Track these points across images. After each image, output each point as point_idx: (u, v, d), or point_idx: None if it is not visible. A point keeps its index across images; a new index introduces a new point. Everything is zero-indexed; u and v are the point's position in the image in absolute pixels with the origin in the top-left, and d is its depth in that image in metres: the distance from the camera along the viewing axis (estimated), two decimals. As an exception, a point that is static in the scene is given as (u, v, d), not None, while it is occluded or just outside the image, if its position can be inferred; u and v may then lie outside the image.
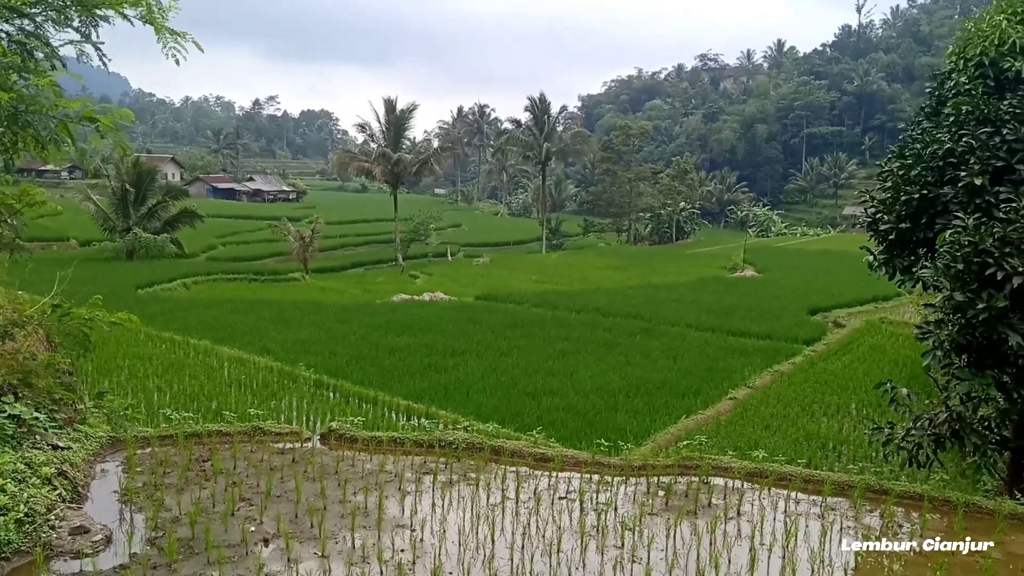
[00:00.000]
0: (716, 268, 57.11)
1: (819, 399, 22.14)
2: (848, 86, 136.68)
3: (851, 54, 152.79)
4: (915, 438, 10.16)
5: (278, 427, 10.94)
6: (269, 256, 57.23)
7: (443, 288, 42.91)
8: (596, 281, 48.17)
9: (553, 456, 10.45)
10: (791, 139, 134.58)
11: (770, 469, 10.25)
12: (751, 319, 33.95)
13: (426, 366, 22.90)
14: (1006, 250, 9.38)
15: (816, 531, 8.81)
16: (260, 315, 30.94)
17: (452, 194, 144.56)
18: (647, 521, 8.91)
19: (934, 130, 11.70)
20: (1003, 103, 10.75)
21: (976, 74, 11.50)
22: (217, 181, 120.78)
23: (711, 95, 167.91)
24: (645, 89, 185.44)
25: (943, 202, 10.82)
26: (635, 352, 26.61)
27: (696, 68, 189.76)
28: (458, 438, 10.47)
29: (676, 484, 9.94)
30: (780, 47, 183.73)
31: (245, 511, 8.34)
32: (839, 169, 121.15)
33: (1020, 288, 9.11)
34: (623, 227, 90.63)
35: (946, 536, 8.56)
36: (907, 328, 32.95)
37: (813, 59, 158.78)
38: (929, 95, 12.73)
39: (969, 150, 10.50)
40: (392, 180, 62.03)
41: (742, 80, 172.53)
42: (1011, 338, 9.16)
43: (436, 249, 63.22)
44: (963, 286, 9.57)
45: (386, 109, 61.89)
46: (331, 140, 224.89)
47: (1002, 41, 11.10)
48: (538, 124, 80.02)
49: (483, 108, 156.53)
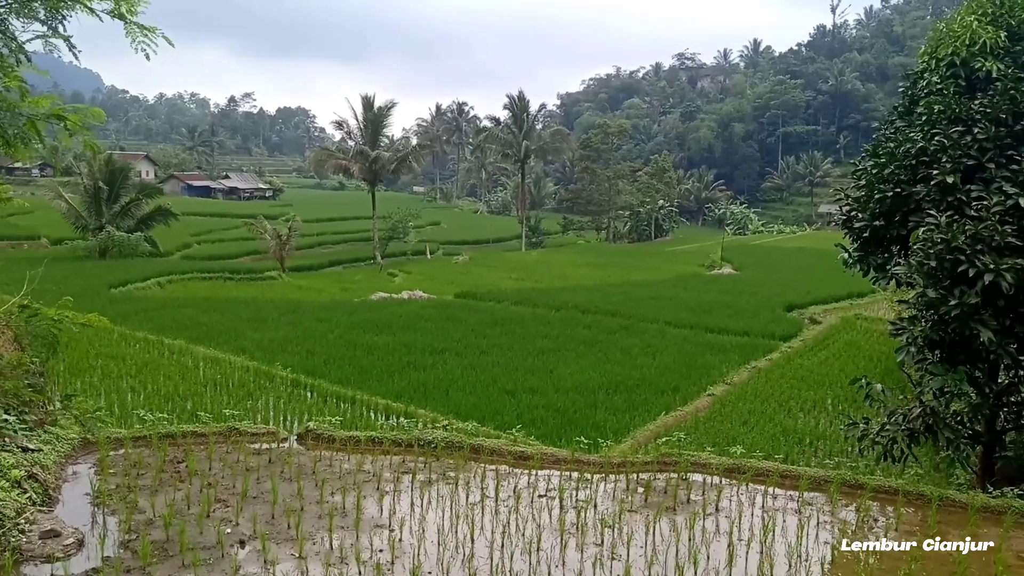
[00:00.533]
0: (694, 266, 57.50)
1: (796, 395, 22.36)
2: (823, 85, 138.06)
3: (826, 54, 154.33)
4: (889, 433, 10.29)
5: (254, 427, 10.82)
6: (245, 255, 56.68)
7: (422, 286, 42.77)
8: (576, 279, 48.31)
9: (532, 454, 10.47)
10: (767, 138, 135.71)
11: (747, 465, 10.34)
12: (729, 316, 34.21)
13: (405, 365, 22.79)
14: (978, 247, 9.52)
15: (793, 526, 8.90)
16: (236, 314, 30.67)
17: (431, 192, 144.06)
18: (626, 518, 8.95)
19: (907, 129, 11.84)
20: (974, 102, 10.90)
21: (948, 74, 11.64)
22: (192, 179, 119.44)
23: (689, 94, 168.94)
24: (623, 88, 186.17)
25: (916, 200, 10.96)
26: (615, 350, 26.71)
27: (674, 67, 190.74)
28: (437, 437, 10.44)
29: (655, 481, 10.00)
30: (756, 47, 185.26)
31: (221, 512, 8.25)
32: (814, 167, 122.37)
33: (991, 285, 9.25)
34: (602, 225, 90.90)
35: (921, 529, 8.69)
36: (882, 324, 33.36)
37: (789, 59, 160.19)
38: (902, 95, 12.88)
39: (941, 149, 10.65)
40: (370, 178, 61.74)
41: (719, 79, 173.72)
42: (982, 334, 9.31)
43: (415, 247, 62.85)
44: (936, 283, 9.71)
45: (364, 106, 61.61)
46: (308, 137, 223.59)
47: (973, 41, 11.24)
48: (517, 122, 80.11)
49: (462, 106, 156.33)
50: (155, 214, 54.92)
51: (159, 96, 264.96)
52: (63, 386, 17.48)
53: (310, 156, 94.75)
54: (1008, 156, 10.34)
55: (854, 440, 18.89)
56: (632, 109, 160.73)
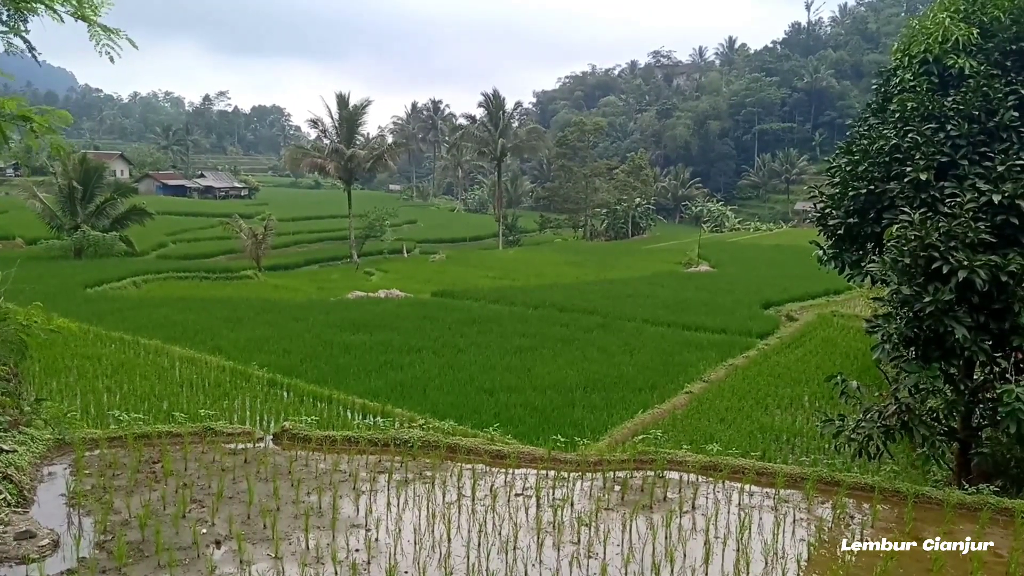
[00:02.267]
0: (671, 263, 57.70)
1: (773, 392, 22.45)
2: (798, 83, 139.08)
3: (801, 51, 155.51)
4: (865, 430, 10.33)
5: (230, 427, 10.73)
6: (221, 254, 56.33)
7: (399, 285, 42.62)
8: (553, 277, 48.30)
9: (509, 453, 10.41)
10: (743, 135, 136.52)
11: (723, 462, 10.34)
12: (706, 313, 34.33)
13: (382, 364, 22.66)
14: (951, 244, 9.58)
15: (769, 523, 8.91)
16: (212, 314, 30.50)
17: (407, 190, 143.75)
18: (603, 516, 8.92)
19: (880, 126, 11.88)
20: (947, 100, 10.96)
21: (920, 71, 11.69)
22: (167, 178, 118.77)
23: (664, 92, 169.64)
24: (599, 85, 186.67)
25: (890, 197, 11.00)
26: (592, 347, 26.70)
27: (649, 65, 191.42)
28: (413, 436, 10.36)
29: (632, 479, 9.98)
30: (732, 44, 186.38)
31: (196, 513, 8.17)
32: (790, 165, 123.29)
33: (965, 282, 9.31)
34: (579, 223, 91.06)
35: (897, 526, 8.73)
36: (857, 321, 33.63)
37: (764, 56, 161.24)
38: (875, 92, 12.92)
39: (914, 146, 10.69)
40: (345, 176, 61.71)
41: (695, 77, 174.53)
42: (957, 331, 9.36)
43: (391, 246, 62.68)
44: (910, 280, 9.75)
45: (339, 105, 61.48)
46: (283, 136, 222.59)
47: (945, 39, 11.30)
48: (493, 120, 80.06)
49: (437, 104, 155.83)
50: (130, 213, 54.61)
51: (133, 95, 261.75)
52: (39, 387, 17.25)
53: (285, 154, 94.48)
54: (981, 153, 10.42)
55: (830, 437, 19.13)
56: (608, 107, 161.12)
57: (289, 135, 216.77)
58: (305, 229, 71.68)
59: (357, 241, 59.31)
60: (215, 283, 44.29)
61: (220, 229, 59.72)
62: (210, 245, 60.46)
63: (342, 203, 72.43)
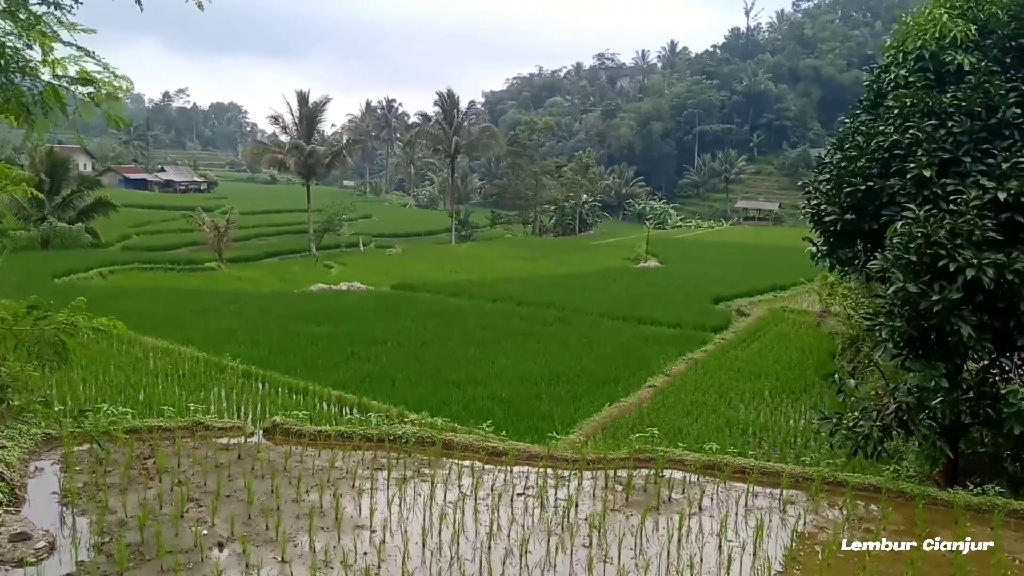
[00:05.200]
0: (620, 259, 57.92)
1: (734, 386, 22.50)
2: (737, 86, 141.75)
3: (740, 56, 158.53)
4: (863, 428, 10.22)
5: (220, 422, 10.14)
6: (183, 246, 55.80)
7: (359, 278, 42.19)
8: (507, 271, 48.07)
9: (506, 450, 9.98)
10: (684, 136, 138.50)
11: (725, 462, 10.11)
12: (660, 308, 34.42)
13: (349, 355, 22.21)
14: (957, 242, 9.50)
15: (780, 526, 8.69)
16: (179, 304, 30.22)
17: (361, 186, 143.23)
18: (611, 518, 8.57)
19: (874, 122, 11.81)
20: (945, 96, 10.94)
21: (916, 67, 11.65)
22: (129, 172, 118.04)
23: (609, 93, 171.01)
24: (546, 86, 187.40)
25: (889, 194, 10.93)
26: (552, 341, 26.46)
27: (594, 67, 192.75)
28: (407, 432, 9.84)
29: (634, 479, 9.65)
30: (673, 48, 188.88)
31: (195, 512, 7.67)
32: (729, 165, 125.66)
33: (972, 280, 9.24)
34: (529, 219, 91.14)
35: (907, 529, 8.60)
36: (808, 316, 34.21)
37: (704, 60, 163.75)
38: (867, 88, 12.83)
39: (916, 142, 10.62)
40: (305, 172, 62.14)
41: (638, 79, 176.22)
42: (963, 329, 9.29)
43: (348, 240, 62.67)
44: (915, 278, 9.64)
45: (299, 102, 61.83)
46: (240, 132, 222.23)
47: (943, 35, 11.27)
48: (447, 119, 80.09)
49: (391, 102, 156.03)
50: (96, 206, 54.63)
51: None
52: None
53: (247, 150, 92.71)
54: (984, 150, 10.40)
55: (796, 431, 19.26)
56: (554, 107, 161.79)
57: (246, 132, 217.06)
58: (264, 223, 71.40)
59: (316, 235, 59.50)
60: (180, 274, 44.05)
61: (182, 222, 59.53)
62: (173, 237, 59.98)
63: (299, 198, 72.37)
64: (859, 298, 24.88)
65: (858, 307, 25.09)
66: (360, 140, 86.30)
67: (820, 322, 32.25)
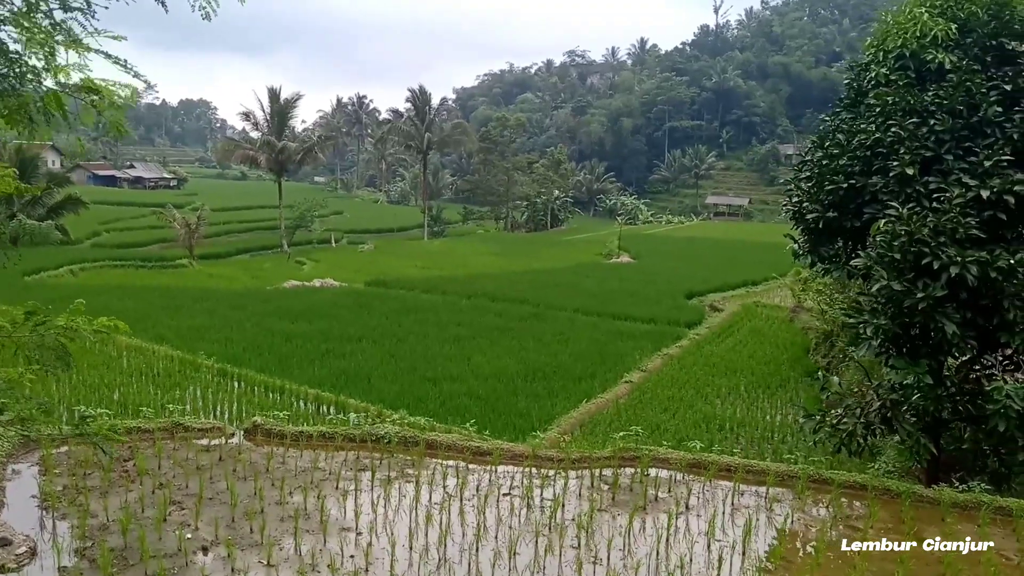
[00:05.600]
0: (592, 254, 57.95)
1: (710, 382, 22.57)
2: (707, 82, 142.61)
3: (709, 52, 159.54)
4: (847, 426, 10.23)
5: (200, 423, 9.88)
6: (154, 243, 54.99)
7: (332, 274, 41.79)
8: (480, 267, 47.84)
9: (491, 450, 9.83)
10: (654, 132, 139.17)
11: (709, 460, 10.06)
12: (633, 304, 34.46)
13: (324, 352, 21.94)
14: (940, 239, 9.53)
15: (768, 525, 8.66)
16: (151, 302, 29.87)
17: (332, 182, 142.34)
18: (598, 518, 8.47)
19: (855, 121, 11.83)
20: (927, 94, 10.99)
21: (896, 66, 11.69)
22: (98, 168, 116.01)
23: (579, 90, 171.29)
24: (517, 83, 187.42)
25: (871, 192, 10.96)
26: (527, 337, 26.35)
27: (565, 64, 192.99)
28: (390, 432, 9.64)
29: (619, 478, 9.57)
30: (643, 45, 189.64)
31: (178, 516, 7.50)
32: (699, 161, 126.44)
33: (957, 278, 9.27)
34: (501, 215, 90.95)
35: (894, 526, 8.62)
36: (781, 311, 34.46)
37: (674, 57, 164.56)
38: (847, 87, 12.85)
39: (898, 140, 10.64)
40: (276, 168, 61.27)
41: (608, 76, 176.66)
42: (947, 327, 9.33)
43: (320, 236, 62.10)
44: (899, 275, 9.66)
45: (270, 98, 61.01)
46: (210, 129, 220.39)
47: (923, 34, 11.32)
48: (419, 115, 79.57)
49: (362, 99, 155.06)
50: (65, 203, 53.41)
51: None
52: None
53: (218, 146, 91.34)
54: (966, 148, 10.45)
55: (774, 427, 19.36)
56: (525, 104, 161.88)
57: (215, 128, 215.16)
58: (235, 219, 70.41)
59: (288, 231, 58.84)
60: (151, 271, 43.40)
61: (153, 218, 58.75)
62: (143, 234, 59.02)
63: (270, 194, 71.52)
64: (833, 294, 25.14)
65: (832, 303, 25.37)
66: (332, 136, 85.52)
67: (793, 317, 32.53)
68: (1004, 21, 11.05)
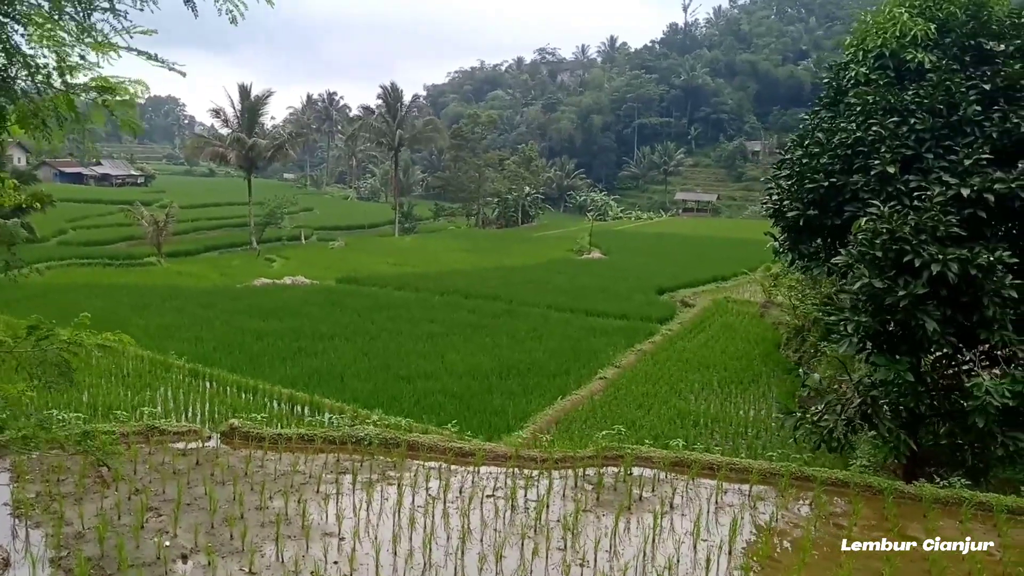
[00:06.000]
0: (563, 250, 58.00)
1: (684, 377, 22.66)
2: (675, 80, 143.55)
3: (678, 50, 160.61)
4: (828, 423, 10.26)
5: (175, 426, 9.58)
6: (121, 240, 54.08)
7: (302, 272, 41.46)
8: (451, 263, 47.64)
9: (473, 451, 9.68)
10: (624, 129, 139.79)
11: (692, 458, 10.01)
12: (605, 300, 34.54)
13: (296, 351, 21.69)
14: (922, 237, 9.57)
15: (752, 524, 8.62)
16: (119, 300, 29.64)
17: (301, 179, 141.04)
18: (583, 519, 8.37)
19: (835, 119, 11.87)
20: (907, 93, 11.05)
21: (876, 65, 11.75)
22: (64, 165, 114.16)
23: (549, 87, 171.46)
24: (487, 80, 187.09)
25: (852, 190, 11.00)
26: (501, 333, 26.24)
27: (535, 61, 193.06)
28: (370, 433, 9.44)
29: (603, 478, 9.48)
30: (613, 43, 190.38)
31: (155, 522, 7.27)
32: (668, 157, 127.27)
33: (937, 275, 9.32)
34: (472, 211, 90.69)
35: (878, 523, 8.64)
36: (751, 306, 34.77)
37: (643, 54, 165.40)
38: (826, 86, 12.90)
39: (879, 139, 10.68)
40: (246, 165, 60.55)
41: (578, 73, 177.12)
42: (928, 324, 9.38)
43: (290, 233, 61.45)
44: (881, 273, 9.69)
45: (241, 95, 60.39)
46: (178, 125, 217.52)
47: (903, 33, 11.38)
48: (391, 111, 79.03)
49: (332, 95, 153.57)
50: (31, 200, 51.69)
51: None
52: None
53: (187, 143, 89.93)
54: (945, 147, 10.53)
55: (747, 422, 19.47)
56: (496, 100, 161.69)
57: (183, 124, 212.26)
58: (203, 216, 69.59)
59: (257, 228, 58.06)
60: (119, 269, 42.91)
61: (120, 216, 57.70)
62: (110, 232, 58.13)
63: (238, 191, 70.86)
64: (805, 290, 25.40)
65: (804, 299, 25.63)
66: (303, 133, 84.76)
67: (764, 312, 32.84)
68: (982, 21, 11.15)
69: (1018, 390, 9.44)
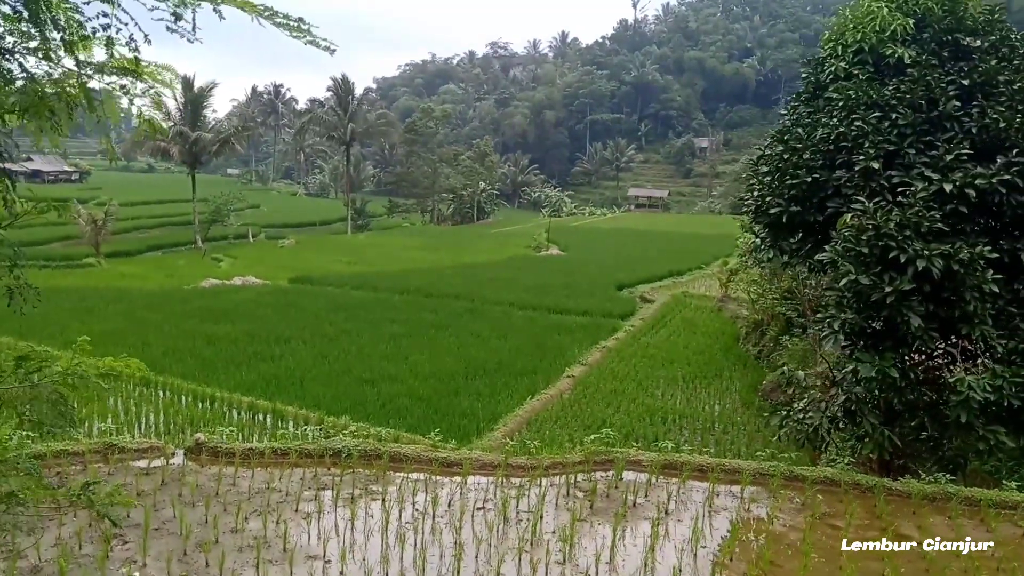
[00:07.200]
0: (521, 247, 57.71)
1: (649, 373, 22.59)
2: (626, 76, 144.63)
3: (628, 47, 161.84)
4: (812, 420, 10.17)
5: (135, 443, 8.90)
6: (56, 240, 51.59)
7: (253, 272, 40.26)
8: (409, 262, 46.98)
9: (460, 460, 9.29)
10: (576, 125, 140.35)
11: (683, 461, 9.81)
12: (567, 296, 34.41)
13: (251, 356, 20.93)
14: (906, 233, 9.52)
15: (749, 527, 8.44)
16: (58, 305, 28.04)
17: (246, 174, 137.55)
18: (580, 529, 8.08)
19: (815, 115, 11.79)
20: (887, 88, 11.01)
21: (855, 60, 11.69)
22: None
23: (502, 82, 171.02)
24: (439, 74, 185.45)
25: (834, 185, 10.92)
26: (465, 333, 25.87)
27: (487, 55, 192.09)
28: (349, 445, 8.98)
29: (595, 484, 9.20)
30: (564, 38, 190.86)
31: (121, 551, 6.72)
32: (619, 153, 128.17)
33: (922, 271, 9.27)
34: (427, 208, 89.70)
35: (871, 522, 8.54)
36: (709, 301, 35.00)
37: (595, 50, 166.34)
38: (805, 81, 12.80)
39: (862, 134, 10.62)
40: (190, 160, 58.58)
41: (531, 68, 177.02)
42: (912, 320, 9.33)
43: (237, 231, 59.53)
44: (866, 269, 9.61)
45: (184, 87, 57.95)
46: None
47: (882, 28, 11.34)
48: (342, 104, 77.37)
49: (279, 88, 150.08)
50: None
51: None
52: None
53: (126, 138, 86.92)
54: (927, 142, 10.50)
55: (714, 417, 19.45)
56: (448, 94, 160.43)
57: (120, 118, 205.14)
58: (144, 214, 66.95)
59: (202, 226, 55.98)
60: (55, 271, 40.77)
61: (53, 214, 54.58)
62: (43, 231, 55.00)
63: (180, 187, 69.15)
64: (765, 285, 25.59)
65: (764, 293, 25.83)
66: (250, 127, 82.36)
67: (721, 307, 33.11)
68: (958, 17, 11.17)
69: (997, 384, 9.47)
